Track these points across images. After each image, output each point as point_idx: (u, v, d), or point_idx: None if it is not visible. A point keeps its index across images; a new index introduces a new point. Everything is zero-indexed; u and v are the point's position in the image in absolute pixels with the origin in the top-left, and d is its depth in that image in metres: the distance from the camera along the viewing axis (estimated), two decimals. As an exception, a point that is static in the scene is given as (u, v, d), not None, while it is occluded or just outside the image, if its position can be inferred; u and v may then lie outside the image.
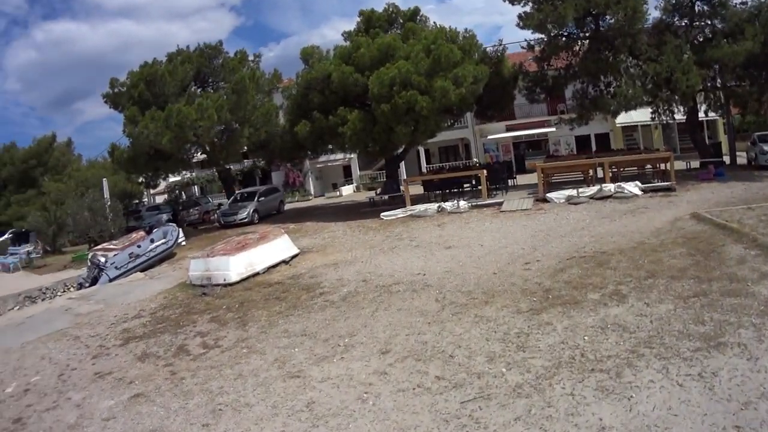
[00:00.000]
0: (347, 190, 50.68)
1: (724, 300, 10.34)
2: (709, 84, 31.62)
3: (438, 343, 10.58)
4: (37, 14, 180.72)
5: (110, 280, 23.17)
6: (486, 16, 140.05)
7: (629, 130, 47.25)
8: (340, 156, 47.18)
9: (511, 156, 48.22)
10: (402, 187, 32.18)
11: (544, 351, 9.39)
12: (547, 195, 25.73)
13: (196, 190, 58.88)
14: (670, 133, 47.70)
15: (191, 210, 43.62)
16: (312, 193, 53.38)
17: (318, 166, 53.41)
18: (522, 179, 35.02)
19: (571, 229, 19.56)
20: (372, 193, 37.67)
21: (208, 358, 11.99)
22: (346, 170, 54.47)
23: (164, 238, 26.51)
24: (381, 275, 16.56)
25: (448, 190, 29.95)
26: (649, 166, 29.47)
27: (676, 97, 29.61)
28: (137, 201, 54.12)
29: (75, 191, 39.83)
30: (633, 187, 25.17)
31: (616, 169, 27.48)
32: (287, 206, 44.27)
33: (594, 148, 45.15)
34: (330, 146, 35.84)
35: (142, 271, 24.12)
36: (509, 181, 32.32)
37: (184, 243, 29.68)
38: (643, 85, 28.99)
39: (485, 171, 28.31)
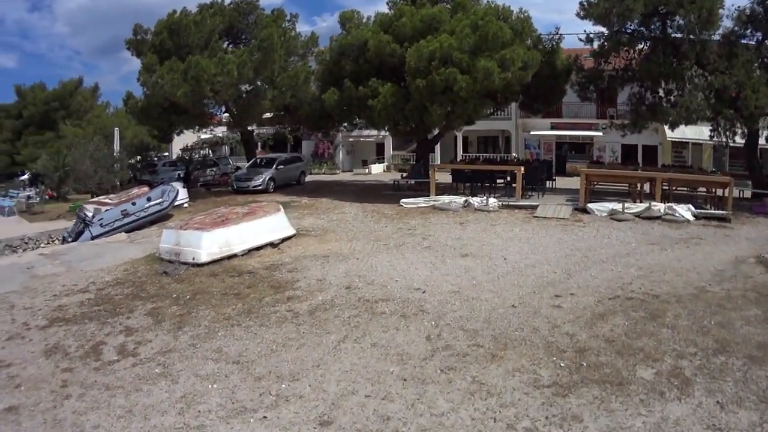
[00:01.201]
0: (377, 169, 46.84)
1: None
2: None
3: (405, 426, 7.07)
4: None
5: (92, 238, 20.96)
6: (543, 12, 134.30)
7: (679, 146, 42.85)
8: (374, 132, 43.58)
9: (552, 156, 44.13)
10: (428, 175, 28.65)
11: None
12: (588, 205, 21.86)
13: (226, 150, 55.46)
14: (720, 156, 43.28)
15: (208, 170, 40.23)
16: (340, 167, 49.64)
17: (350, 140, 49.84)
18: (561, 182, 31.17)
19: (615, 253, 15.76)
20: (399, 176, 33.87)
21: (113, 371, 9.37)
22: (379, 148, 50.74)
23: (161, 197, 23.78)
24: (371, 283, 12.95)
25: (479, 184, 26.10)
26: (702, 189, 25.51)
27: (741, 117, 25.44)
28: (157, 155, 51.10)
29: (90, 138, 37.24)
30: (685, 211, 21.21)
31: (667, 187, 23.48)
32: (311, 178, 40.94)
33: (640, 159, 40.97)
34: (358, 119, 32.29)
35: (129, 231, 21.54)
36: (548, 182, 28.45)
37: (186, 205, 27.08)
38: (707, 99, 24.98)
39: (523, 168, 24.38)
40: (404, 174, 33.78)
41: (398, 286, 12.60)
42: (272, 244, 17.30)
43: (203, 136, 50.74)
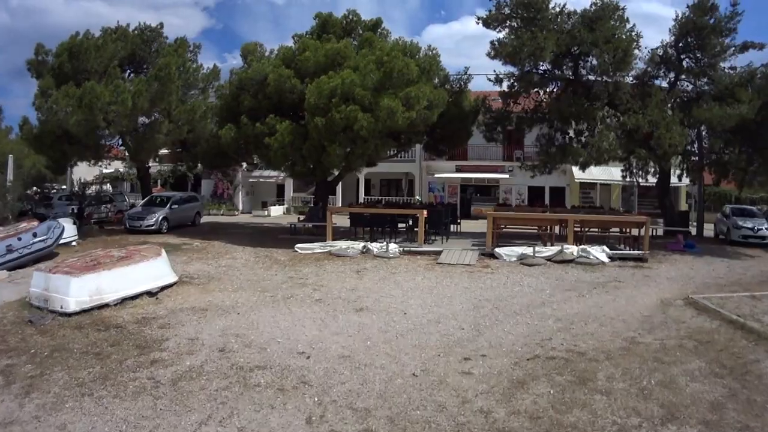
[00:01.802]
0: (277, 211, 44.64)
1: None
2: (687, 147, 26.68)
3: None
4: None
5: (-29, 276, 18.01)
6: (454, 57, 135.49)
7: (587, 186, 42.32)
8: (274, 173, 41.47)
9: (457, 199, 42.97)
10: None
11: None
12: (496, 250, 20.26)
13: (126, 186, 51.96)
14: (629, 196, 42.99)
15: (103, 207, 37.07)
16: (240, 208, 47.25)
17: (251, 180, 47.57)
18: (466, 225, 29.68)
19: (528, 302, 13.99)
20: (297, 219, 31.68)
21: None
22: (280, 189, 48.61)
23: (46, 234, 21.07)
24: (249, 345, 10.62)
25: (379, 228, 24.18)
26: (615, 229, 24.37)
27: (655, 156, 24.55)
28: (53, 187, 47.33)
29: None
30: (600, 253, 19.96)
31: (579, 229, 22.12)
32: (208, 218, 38.82)
33: (547, 201, 40.10)
34: (255, 159, 30.16)
35: (11, 269, 18.78)
36: (452, 226, 26.82)
37: (75, 243, 24.43)
38: (619, 138, 24.04)
39: (425, 211, 22.61)
40: (301, 217, 31.69)
41: (279, 348, 10.32)
42: (150, 293, 14.84)
43: (105, 170, 47.51)
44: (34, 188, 43.18)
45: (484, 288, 15.55)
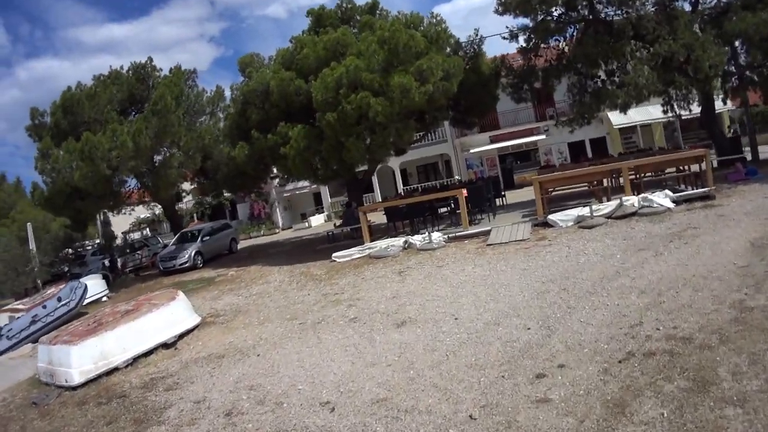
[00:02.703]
0: (317, 220, 42.39)
1: None
2: (725, 67, 23.64)
3: None
4: (19, 53, 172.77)
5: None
6: (464, 32, 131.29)
7: (627, 131, 39.23)
8: (307, 182, 39.39)
9: (498, 171, 40.14)
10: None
11: None
12: (549, 217, 17.58)
13: (166, 227, 50.40)
14: (671, 132, 39.72)
15: (137, 253, 35.36)
16: (280, 225, 45.18)
17: (285, 195, 45.46)
18: (511, 197, 27.03)
19: (600, 275, 11.34)
20: (334, 225, 29.45)
21: None
22: (317, 197, 46.45)
23: (68, 296, 19.24)
24: (263, 400, 8.24)
25: (419, 218, 21.69)
26: (669, 170, 21.55)
27: (697, 81, 21.68)
28: (87, 243, 45.99)
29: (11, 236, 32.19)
30: (663, 199, 17.18)
31: (634, 177, 19.35)
32: (249, 242, 37.33)
33: (590, 154, 37.16)
34: (276, 172, 28.00)
35: (36, 341, 16.50)
36: (497, 200, 24.19)
37: (105, 298, 22.71)
38: (655, 70, 21.16)
39: (464, 190, 20.02)
40: (337, 223, 29.40)
41: (299, 400, 7.91)
42: (166, 345, 12.76)
43: (141, 215, 46.25)
44: (68, 249, 41.84)
45: (544, 266, 12.91)
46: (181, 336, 13.25)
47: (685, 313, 8.39)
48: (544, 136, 38.92)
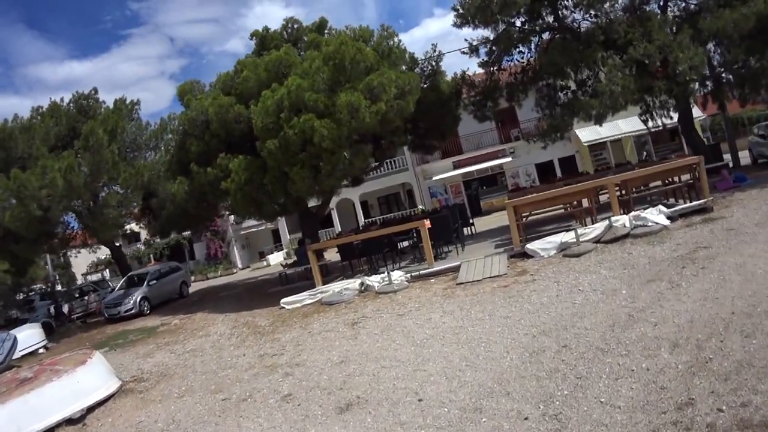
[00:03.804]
0: (276, 258, 38.98)
1: None
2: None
3: None
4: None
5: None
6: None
7: (597, 148, 36.73)
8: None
9: (463, 198, 37.33)
10: (323, 255, 21.37)
11: None
12: (528, 247, 14.67)
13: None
14: (643, 145, 37.30)
15: (86, 298, 31.71)
16: (238, 264, 41.84)
17: (243, 232, 42.16)
18: (479, 224, 24.22)
19: (608, 321, 8.48)
20: (285, 266, 26.31)
21: None
22: (276, 234, 43.13)
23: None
24: None
25: (378, 255, 18.65)
26: (654, 183, 18.94)
27: (676, 85, 19.30)
28: (34, 288, 42.18)
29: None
30: (658, 216, 14.51)
31: (621, 193, 16.61)
32: (202, 284, 34.48)
33: (559, 174, 34.54)
34: (219, 209, 24.91)
35: None
36: (465, 229, 21.29)
37: (43, 350, 19.98)
38: (631, 76, 18.77)
39: (427, 221, 16.98)
40: (287, 262, 26.33)
41: None
42: (71, 420, 9.89)
43: (104, 256, 42.94)
44: (21, 293, 38.11)
45: (532, 310, 9.94)
46: (92, 408, 10.34)
47: (748, 375, 5.56)
48: (510, 159, 36.27)
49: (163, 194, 26.20)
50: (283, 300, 16.88)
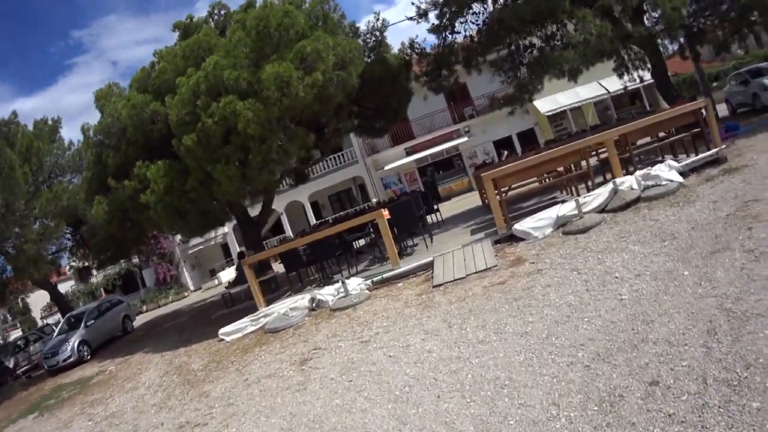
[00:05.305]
0: (228, 275, 34.89)
1: None
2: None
3: None
4: None
5: None
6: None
7: (557, 118, 33.54)
8: (212, 234, 32.53)
9: (419, 185, 33.81)
10: (268, 267, 17.92)
11: None
12: (516, 227, 11.24)
13: (83, 303, 42.46)
14: (604, 111, 34.33)
15: (30, 348, 27.19)
16: (190, 286, 37.81)
17: (191, 251, 38.09)
18: (442, 211, 20.46)
19: (695, 323, 5.17)
20: (227, 285, 22.71)
21: None
22: (225, 249, 39.15)
23: None
24: None
25: (332, 260, 15.02)
26: (642, 141, 15.75)
27: (663, 30, 16.89)
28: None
29: None
30: (669, 172, 11.33)
31: (622, 150, 13.33)
32: (153, 313, 30.77)
33: (519, 149, 31.38)
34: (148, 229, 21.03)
35: None
36: (429, 216, 17.83)
37: None
38: (606, 23, 15.83)
39: (385, 211, 13.15)
40: (229, 281, 22.70)
41: None
42: None
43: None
44: None
45: (558, 318, 6.49)
46: None
47: None
48: (465, 138, 32.98)
49: (92, 220, 22.55)
50: (221, 331, 13.21)
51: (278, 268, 20.18)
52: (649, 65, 20.17)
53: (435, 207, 19.01)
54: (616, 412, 4.27)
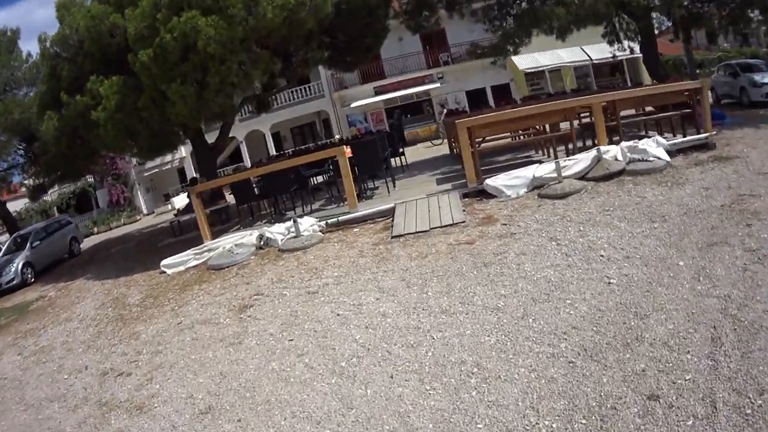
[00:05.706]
0: (182, 200, 33.56)
1: None
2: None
3: None
4: None
5: None
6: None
7: (534, 77, 32.56)
8: (168, 158, 31.42)
9: (385, 126, 32.58)
10: (221, 196, 17.13)
11: None
12: (488, 182, 10.42)
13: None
14: (584, 77, 33.49)
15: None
16: (144, 210, 36.37)
17: (147, 174, 36.55)
18: (406, 155, 19.53)
19: (693, 325, 4.49)
20: (176, 212, 21.55)
21: None
22: (182, 174, 37.65)
23: None
24: None
25: (285, 196, 14.04)
26: (626, 112, 14.96)
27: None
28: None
29: None
30: (657, 149, 10.59)
31: (608, 118, 12.46)
32: (103, 236, 29.26)
33: (491, 102, 30.42)
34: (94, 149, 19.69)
35: None
36: (394, 160, 16.84)
37: None
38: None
39: (347, 148, 12.26)
40: (180, 208, 21.57)
41: None
42: None
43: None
44: None
45: (534, 293, 5.73)
46: None
47: None
48: (438, 84, 31.84)
49: (44, 136, 21.22)
50: (163, 262, 12.18)
51: (232, 198, 19.23)
52: (639, 38, 19.25)
53: (400, 150, 18.07)
54: (609, 430, 3.49)
